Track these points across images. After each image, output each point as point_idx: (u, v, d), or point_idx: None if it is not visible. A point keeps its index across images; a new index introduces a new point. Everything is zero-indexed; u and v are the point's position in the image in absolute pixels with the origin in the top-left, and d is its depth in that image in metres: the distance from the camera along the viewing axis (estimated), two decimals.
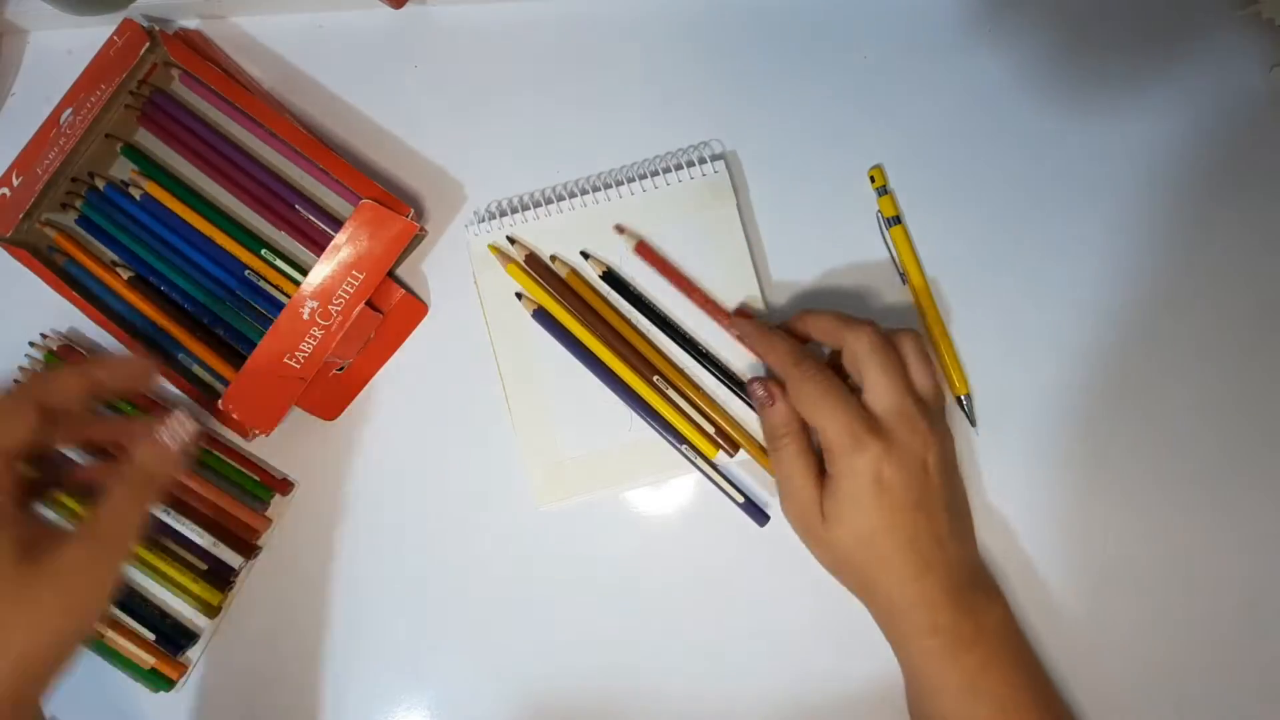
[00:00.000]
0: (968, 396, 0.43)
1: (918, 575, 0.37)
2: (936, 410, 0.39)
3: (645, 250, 0.44)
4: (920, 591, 0.37)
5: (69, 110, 0.44)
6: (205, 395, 0.44)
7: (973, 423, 0.44)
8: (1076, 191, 0.44)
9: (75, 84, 0.44)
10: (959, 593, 0.38)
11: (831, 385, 0.37)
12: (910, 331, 0.39)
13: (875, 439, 0.36)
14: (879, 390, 0.37)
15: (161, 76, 0.46)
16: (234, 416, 0.43)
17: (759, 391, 0.40)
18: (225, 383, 0.43)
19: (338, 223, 0.44)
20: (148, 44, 0.43)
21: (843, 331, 0.39)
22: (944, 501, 0.38)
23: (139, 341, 0.45)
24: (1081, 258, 0.44)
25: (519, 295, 0.44)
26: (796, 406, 0.39)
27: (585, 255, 0.44)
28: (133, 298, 0.45)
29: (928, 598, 0.37)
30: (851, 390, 0.38)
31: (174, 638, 0.45)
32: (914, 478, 0.37)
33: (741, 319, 0.42)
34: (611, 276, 0.44)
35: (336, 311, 0.42)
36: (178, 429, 0.36)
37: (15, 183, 0.44)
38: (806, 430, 0.39)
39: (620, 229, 0.44)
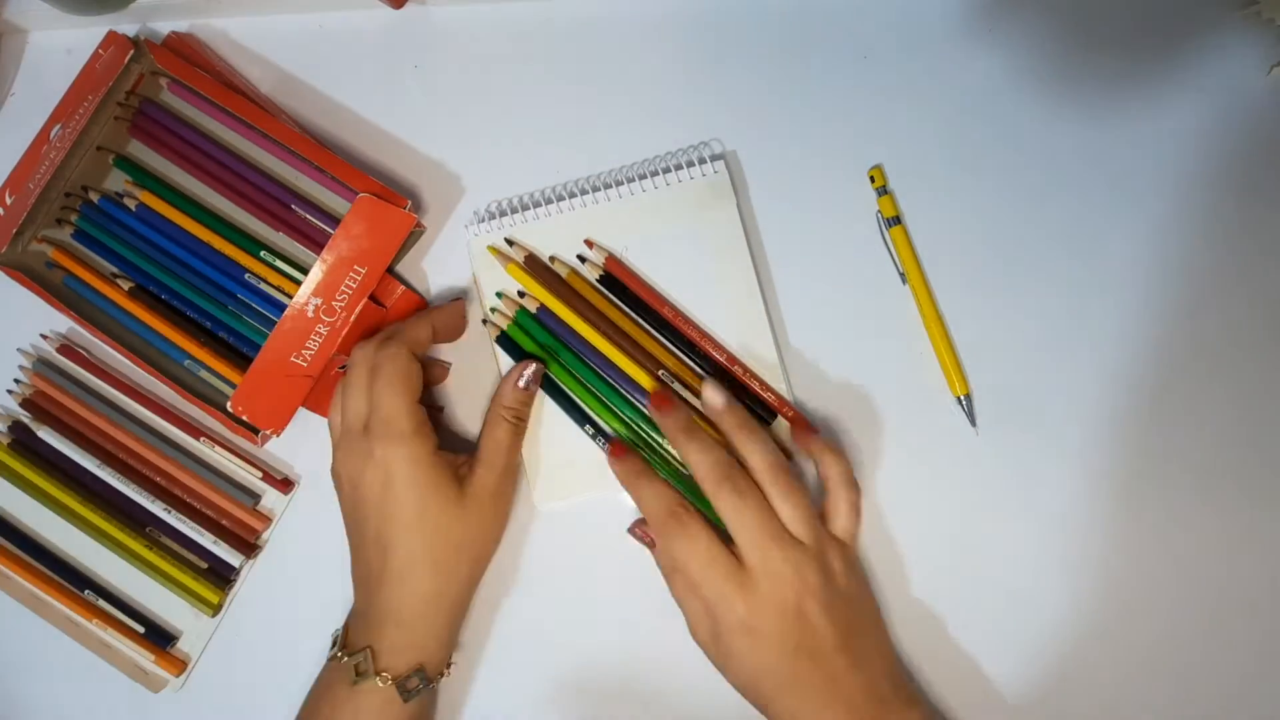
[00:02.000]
0: (968, 396, 0.43)
1: (815, 713, 0.37)
2: (818, 548, 0.39)
3: (614, 265, 0.44)
4: None
5: (59, 125, 0.44)
6: (212, 402, 0.44)
7: (973, 423, 0.44)
8: (1076, 191, 0.44)
9: (64, 98, 0.44)
10: (865, 718, 0.38)
11: (699, 546, 0.38)
12: (777, 465, 0.39)
13: (741, 597, 0.37)
14: (741, 543, 0.38)
15: (150, 85, 0.46)
16: (244, 417, 0.43)
17: (640, 537, 0.41)
18: (233, 386, 0.43)
19: (335, 221, 0.44)
20: (132, 53, 0.43)
21: (706, 488, 0.39)
22: (833, 642, 0.37)
23: (139, 354, 0.45)
24: (1082, 257, 0.44)
25: (520, 294, 0.44)
26: (670, 561, 0.40)
27: (582, 259, 0.44)
28: (135, 308, 0.45)
29: None
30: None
31: (169, 634, 0.46)
32: (787, 625, 0.37)
33: (619, 463, 0.42)
34: (609, 279, 0.44)
35: (340, 308, 0.43)
36: (526, 372, 0.43)
37: (9, 201, 0.44)
38: None
39: (590, 243, 0.44)
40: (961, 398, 0.43)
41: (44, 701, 0.47)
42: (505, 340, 0.44)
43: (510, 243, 0.45)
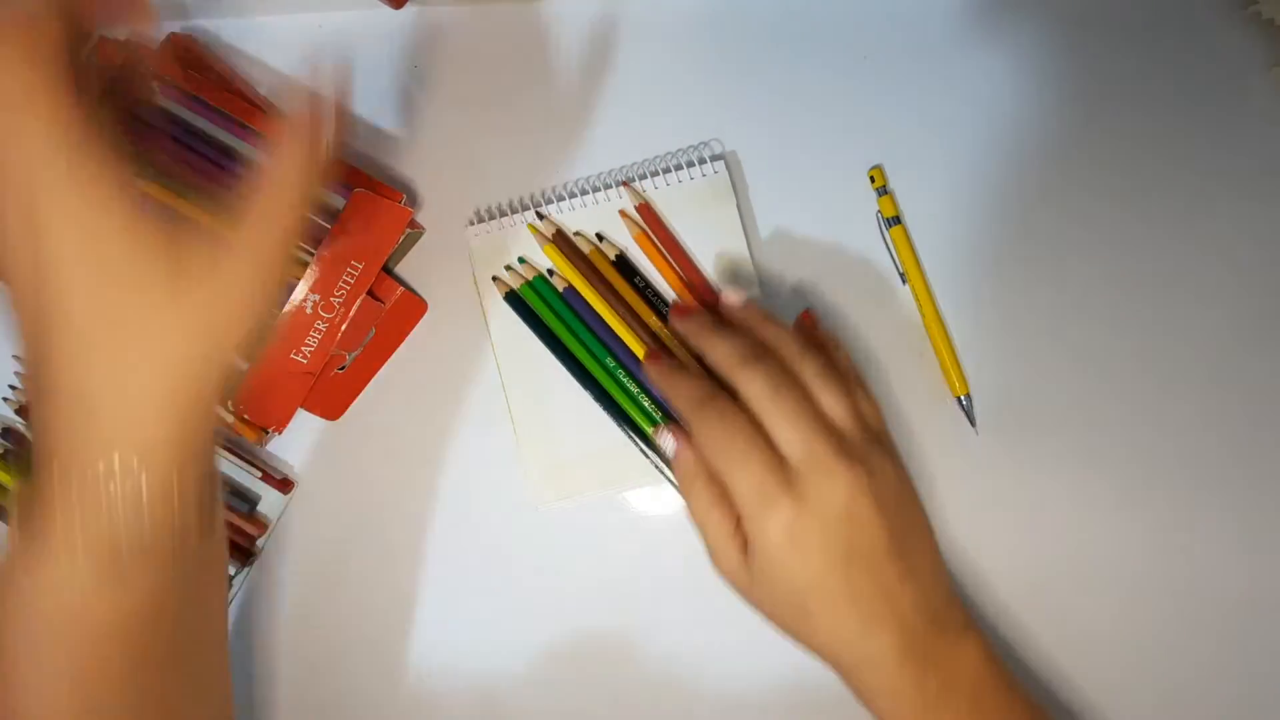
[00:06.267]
0: (968, 397, 0.43)
1: (862, 636, 0.33)
2: (863, 440, 0.34)
3: (646, 211, 0.43)
4: (868, 653, 0.33)
5: None
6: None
7: (973, 423, 0.43)
8: (1076, 191, 0.44)
9: None
10: (919, 644, 0.33)
11: (735, 434, 0.33)
12: (810, 352, 0.35)
13: (785, 495, 0.32)
14: (782, 438, 0.33)
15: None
16: (245, 417, 0.43)
17: (665, 439, 0.37)
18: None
19: (333, 217, 0.44)
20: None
21: (734, 374, 0.35)
22: (886, 546, 0.33)
23: None
24: (1082, 257, 0.44)
25: (550, 272, 0.44)
26: (702, 458, 0.35)
27: (600, 237, 0.44)
28: None
29: (879, 658, 0.33)
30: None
31: None
32: (837, 530, 0.32)
33: (653, 363, 0.38)
34: (623, 262, 0.44)
35: (338, 304, 0.43)
36: (334, 76, 0.27)
37: None
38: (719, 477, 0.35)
39: (623, 213, 0.44)
40: (962, 398, 0.43)
41: None
42: (514, 300, 0.44)
43: (541, 216, 0.45)
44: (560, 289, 0.44)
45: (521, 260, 0.45)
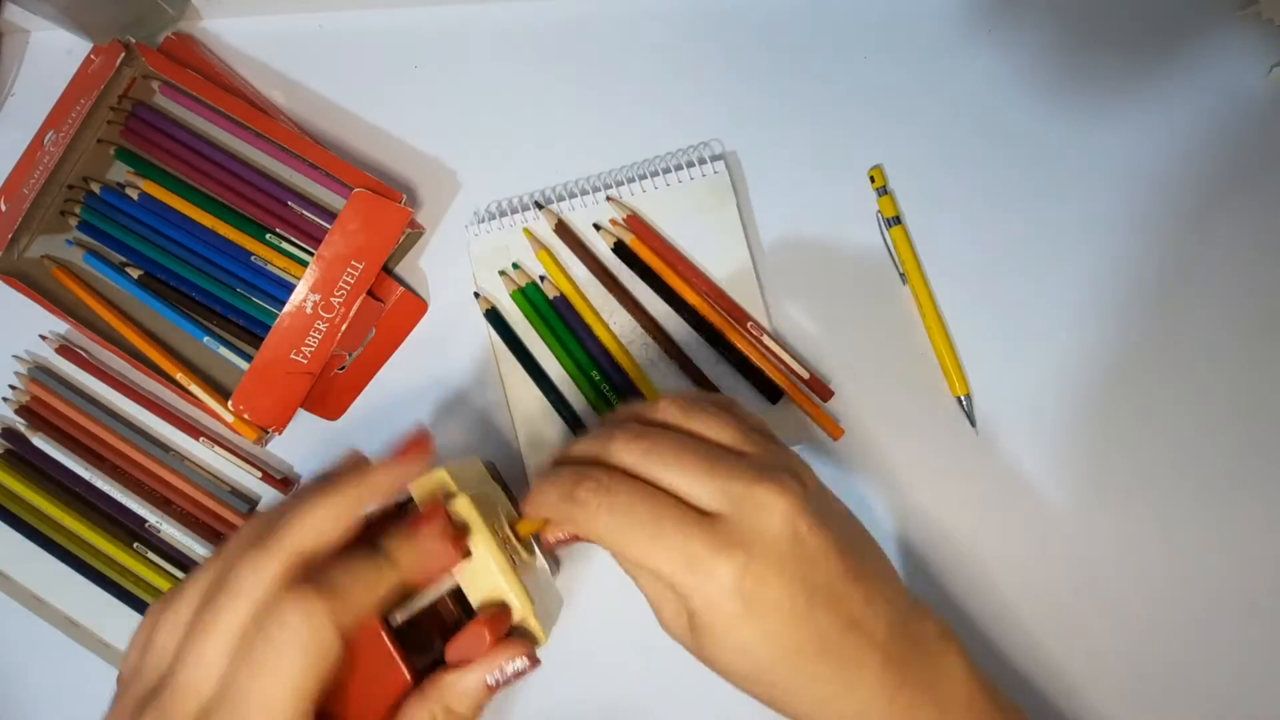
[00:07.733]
0: (968, 396, 0.43)
1: (845, 688, 0.29)
2: (771, 455, 0.30)
3: (637, 224, 0.44)
4: (856, 706, 0.29)
5: (52, 132, 0.44)
6: (225, 387, 0.45)
7: (973, 423, 0.43)
8: (1076, 191, 0.44)
9: (57, 104, 0.44)
10: (901, 670, 0.29)
11: (632, 514, 0.28)
12: (666, 399, 0.32)
13: (719, 554, 0.27)
14: (687, 491, 0.29)
15: (142, 89, 0.46)
16: (246, 417, 0.43)
17: (551, 545, 0.33)
18: (249, 360, 0.43)
19: (332, 217, 0.44)
20: (123, 56, 0.43)
21: (604, 455, 0.31)
22: (842, 569, 0.29)
23: (152, 338, 0.45)
24: (1082, 258, 0.44)
25: (541, 278, 0.44)
26: (610, 550, 0.30)
27: (597, 227, 0.44)
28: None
29: (869, 705, 0.29)
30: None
31: None
32: (792, 570, 0.28)
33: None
34: (622, 249, 0.44)
35: (339, 304, 0.43)
36: (507, 668, 0.29)
37: (3, 208, 0.44)
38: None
39: (614, 221, 0.44)
40: (962, 398, 0.43)
41: (44, 702, 0.47)
42: (494, 316, 0.44)
43: (540, 206, 0.45)
44: (551, 296, 0.44)
45: (515, 266, 0.45)
